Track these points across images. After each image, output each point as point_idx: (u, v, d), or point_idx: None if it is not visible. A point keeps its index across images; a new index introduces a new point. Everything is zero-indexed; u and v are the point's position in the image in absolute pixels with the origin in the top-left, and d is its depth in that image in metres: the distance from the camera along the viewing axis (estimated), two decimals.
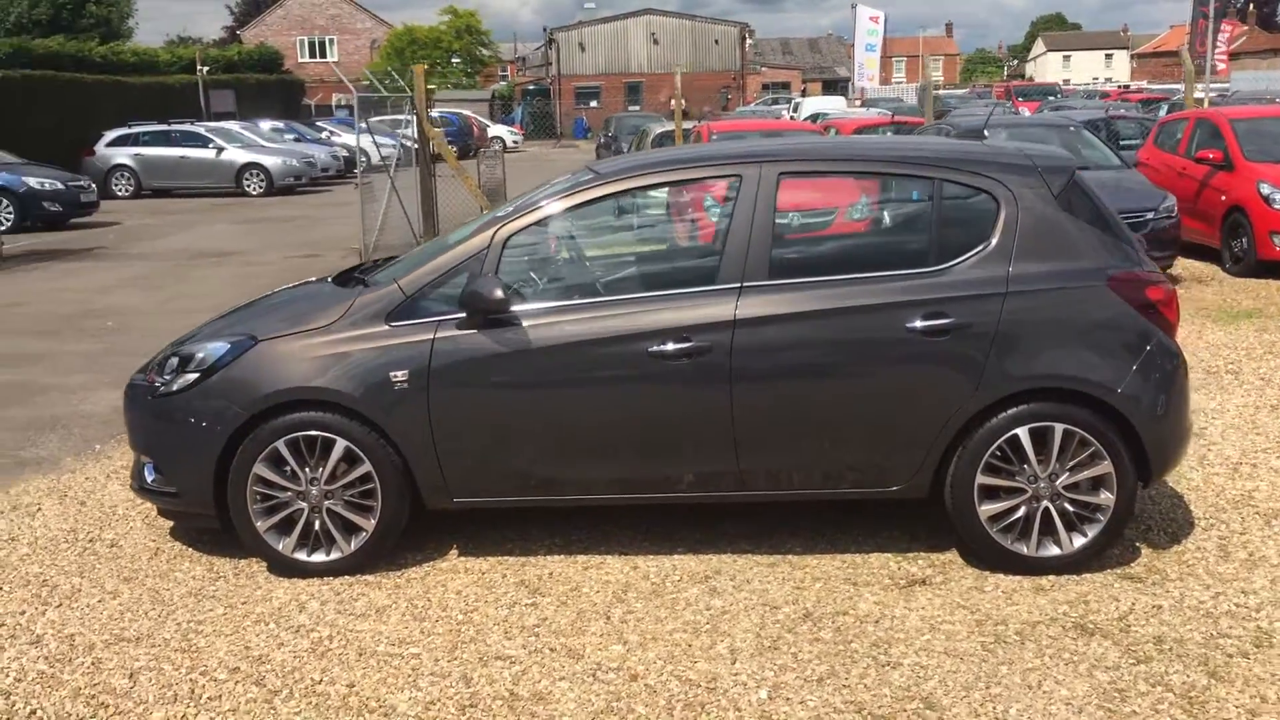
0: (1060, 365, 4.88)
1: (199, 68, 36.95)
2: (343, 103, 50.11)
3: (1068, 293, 4.92)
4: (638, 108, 57.12)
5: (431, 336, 4.98)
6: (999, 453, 4.92)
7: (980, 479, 4.94)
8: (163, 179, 28.29)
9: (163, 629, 4.68)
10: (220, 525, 5.19)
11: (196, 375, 5.12)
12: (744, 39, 60.83)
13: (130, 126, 28.76)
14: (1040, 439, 4.91)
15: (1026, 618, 4.62)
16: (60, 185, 21.46)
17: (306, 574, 5.11)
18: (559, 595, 4.91)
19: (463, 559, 5.30)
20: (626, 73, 60.11)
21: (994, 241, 4.96)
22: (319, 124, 36.94)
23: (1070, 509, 4.97)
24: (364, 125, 17.81)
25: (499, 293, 4.85)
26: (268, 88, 42.82)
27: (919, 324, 4.86)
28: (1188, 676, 4.14)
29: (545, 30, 61.74)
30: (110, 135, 28.59)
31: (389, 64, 59.97)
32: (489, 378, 4.98)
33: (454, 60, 60.71)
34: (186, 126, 29.04)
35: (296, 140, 32.71)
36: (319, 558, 5.11)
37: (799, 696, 4.07)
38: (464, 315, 4.96)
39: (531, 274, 5.26)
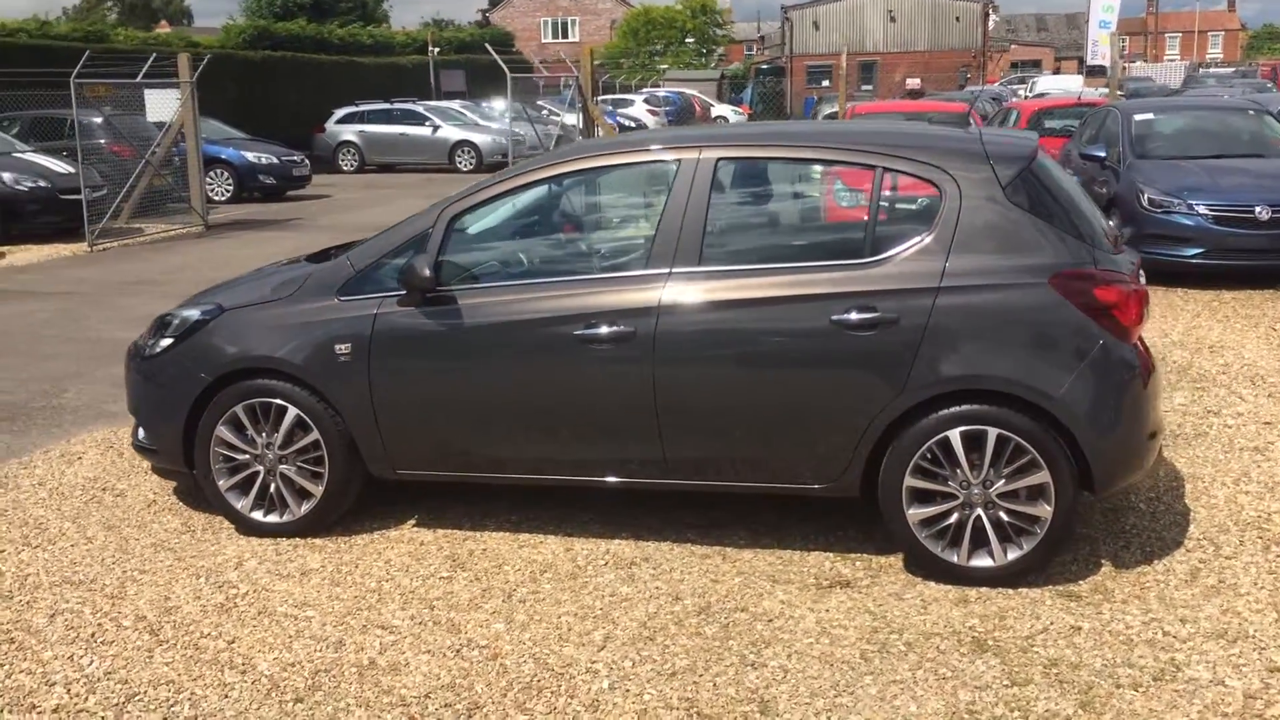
0: (993, 366, 4.61)
1: (430, 49, 38.54)
2: (568, 83, 51.38)
3: (1006, 290, 4.63)
4: (870, 88, 56.03)
5: (374, 311, 5.14)
6: (929, 455, 4.70)
7: (909, 481, 4.73)
8: (383, 155, 29.72)
9: (108, 575, 5.02)
10: (193, 482, 5.52)
11: (171, 340, 5.46)
12: (986, 15, 58.62)
13: (357, 105, 30.33)
14: (974, 443, 4.66)
15: (927, 629, 4.40)
16: (275, 160, 22.86)
17: (262, 533, 5.38)
18: (478, 571, 5.00)
19: (415, 529, 5.46)
20: (861, 51, 58.92)
21: (933, 233, 4.72)
22: (540, 103, 37.87)
23: (1006, 519, 4.69)
24: (519, 107, 18.12)
25: (427, 271, 4.96)
26: (498, 68, 44.14)
27: (845, 317, 4.68)
28: (1054, 705, 3.86)
29: (782, 9, 61.22)
30: (339, 113, 30.24)
31: (625, 44, 61.01)
32: (424, 354, 5.10)
33: (688, 40, 61.03)
34: (407, 105, 30.40)
35: (514, 119, 33.66)
36: (272, 519, 5.37)
37: (639, 689, 4.02)
38: (404, 292, 5.09)
39: (474, 254, 5.34)
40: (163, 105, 17.77)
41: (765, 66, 62.44)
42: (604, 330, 4.86)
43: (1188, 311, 10.10)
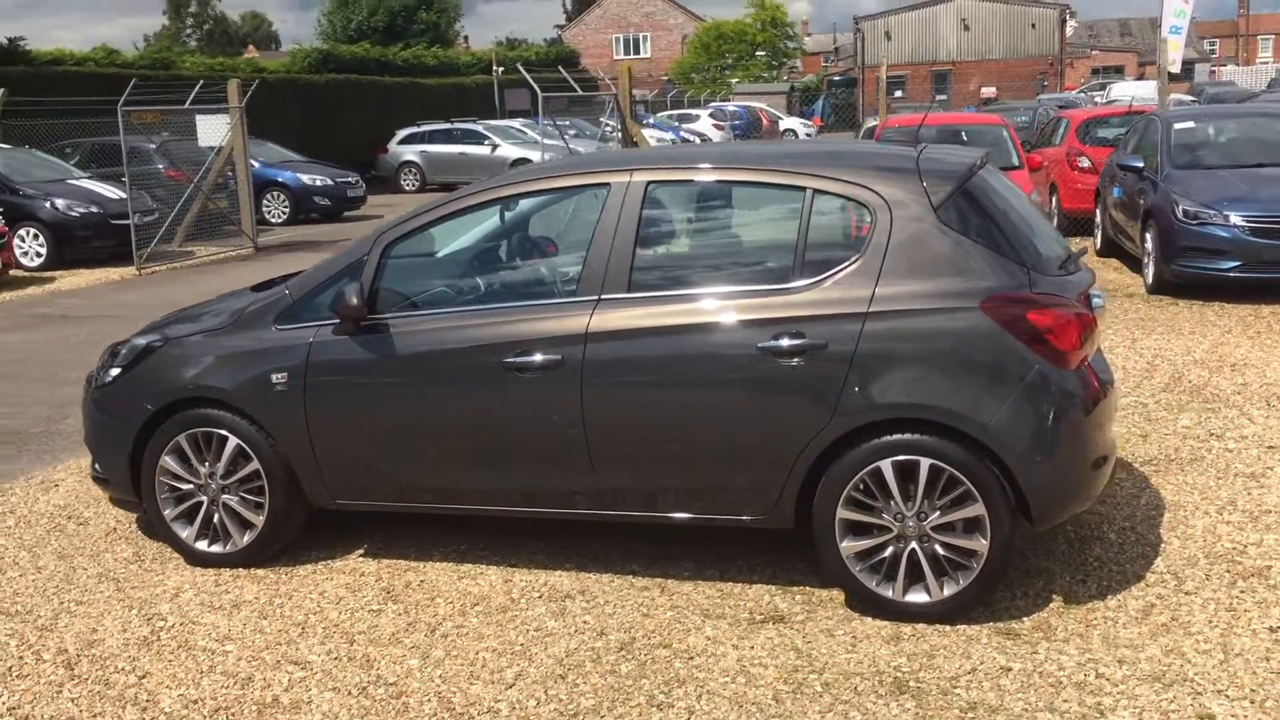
0: (923, 394, 4.42)
1: (495, 68, 38.84)
2: (637, 98, 51.41)
3: (936, 315, 4.44)
4: (945, 97, 55.31)
5: (310, 340, 5.10)
6: (862, 486, 4.52)
7: (842, 513, 4.55)
8: (444, 174, 29.95)
9: (46, 606, 5.04)
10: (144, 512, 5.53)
11: (119, 370, 5.47)
12: (1063, 22, 57.57)
13: (419, 126, 30.66)
14: (908, 474, 4.47)
15: (850, 669, 4.22)
16: (330, 181, 23.17)
17: (206, 563, 5.36)
18: (410, 604, 4.92)
19: (360, 560, 5.40)
20: (934, 61, 58.24)
21: (863, 257, 4.55)
22: (603, 120, 37.99)
23: (941, 553, 4.50)
24: (549, 122, 18.15)
25: (354, 299, 4.91)
26: (565, 85, 44.37)
27: (771, 344, 4.53)
28: None
29: (854, 20, 60.78)
30: (401, 134, 30.59)
31: (696, 59, 60.98)
32: (357, 382, 5.05)
33: (758, 54, 60.79)
34: (467, 125, 30.65)
35: (575, 136, 33.80)
36: (216, 549, 5.35)
37: None
38: (338, 320, 5.05)
39: (409, 281, 5.27)
40: (214, 130, 18.08)
41: (838, 78, 62.12)
42: (533, 359, 4.77)
43: (1218, 327, 9.71)
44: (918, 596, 4.54)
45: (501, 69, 38.89)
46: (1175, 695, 3.95)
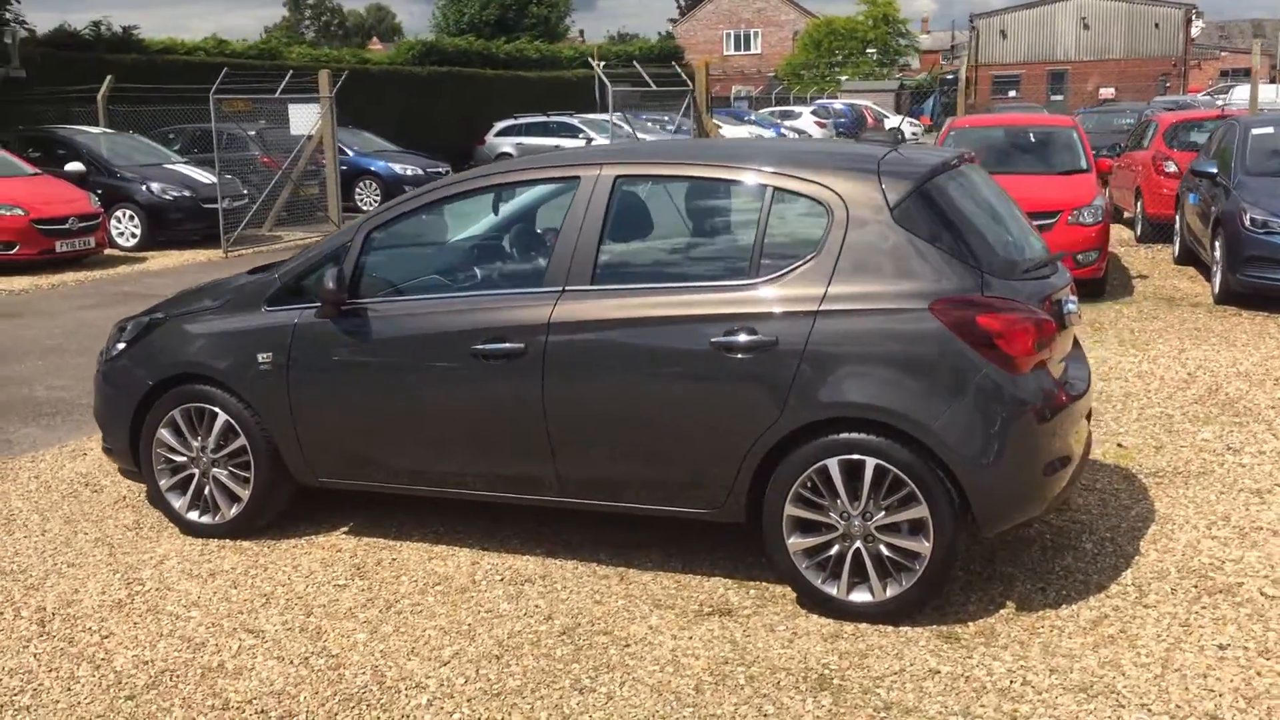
0: (870, 395, 4.41)
1: (595, 62, 38.99)
2: (741, 94, 51.21)
3: (886, 316, 4.42)
4: (1060, 97, 54.08)
5: (295, 322, 5.27)
6: (810, 484, 4.53)
7: (790, 510, 4.57)
8: None
9: (40, 566, 5.30)
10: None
11: (124, 345, 5.73)
12: (1189, 22, 55.78)
13: (515, 118, 31.00)
14: (854, 473, 4.47)
15: (780, 663, 4.24)
16: (420, 171, 23.60)
17: (196, 533, 5.58)
18: (376, 581, 5.06)
19: (343, 537, 5.56)
20: (1051, 60, 56.94)
21: (818, 255, 4.55)
22: (676, 116, 37.98)
23: (886, 553, 4.49)
24: (618, 118, 18.20)
25: (331, 284, 5.06)
26: (666, 80, 44.51)
27: (724, 339, 4.56)
28: None
29: (970, 18, 59.71)
30: (498, 126, 30.92)
31: (806, 56, 60.57)
32: (336, 365, 5.20)
33: (868, 51, 60.12)
34: (563, 118, 30.88)
35: (675, 131, 33.86)
36: (205, 520, 5.56)
37: (455, 707, 4.01)
38: (320, 304, 5.21)
39: (389, 267, 5.40)
40: (305, 119, 18.57)
41: (950, 76, 61.01)
42: (498, 347, 4.87)
43: (1276, 340, 9.41)
44: (861, 596, 4.53)
45: (602, 63, 39.05)
46: (1097, 707, 3.89)
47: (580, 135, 30.06)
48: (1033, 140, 12.79)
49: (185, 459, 5.54)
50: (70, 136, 18.23)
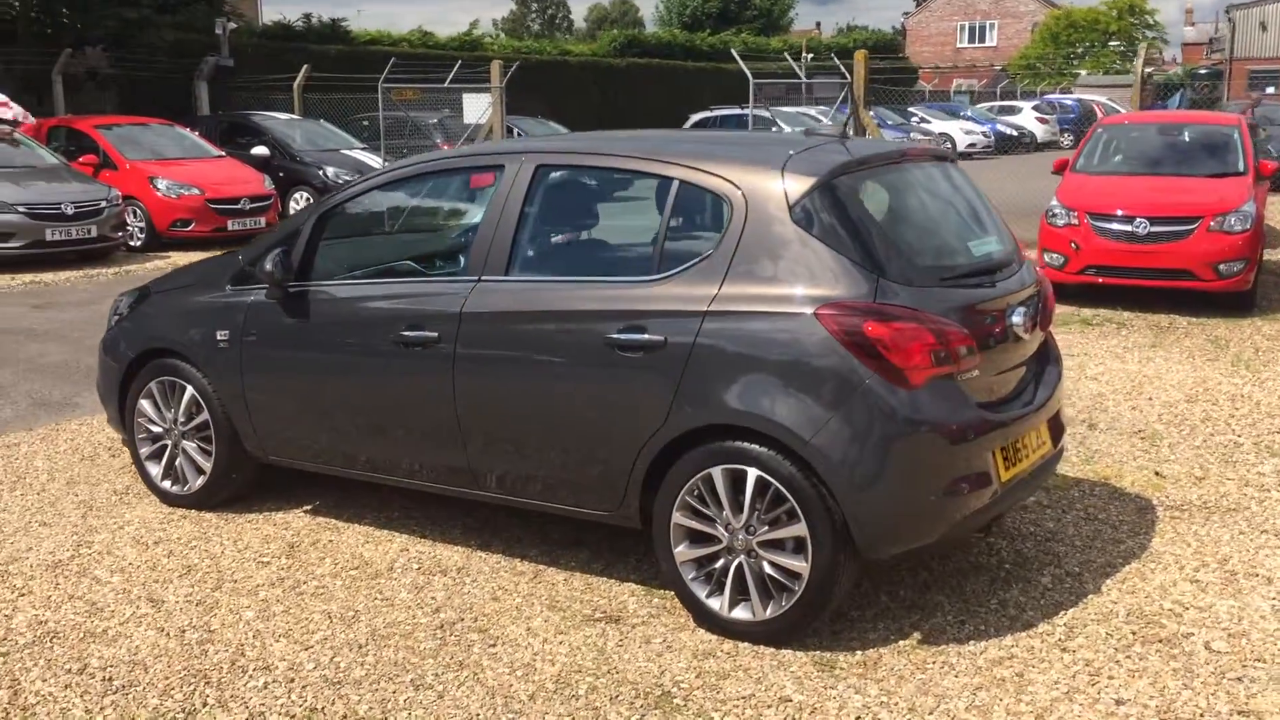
0: (750, 402, 4.15)
1: (803, 54, 38.55)
2: (961, 89, 49.45)
3: (772, 319, 4.14)
4: None
5: (248, 302, 5.38)
6: (696, 492, 4.31)
7: (677, 518, 4.36)
8: None
9: (18, 521, 5.58)
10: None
11: (116, 319, 5.98)
12: None
13: (711, 110, 30.93)
14: (739, 484, 4.22)
15: (631, 677, 4.05)
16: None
17: (168, 501, 5.76)
18: (299, 561, 5.10)
19: (301, 515, 5.63)
20: None
21: (714, 252, 4.31)
22: (911, 110, 36.92)
23: (768, 571, 4.22)
24: (764, 109, 17.81)
25: (269, 266, 5.13)
26: (879, 73, 43.50)
27: (617, 336, 4.38)
28: None
29: (1226, 9, 55.92)
30: (694, 118, 30.93)
31: (1042, 49, 58.05)
32: (280, 346, 5.28)
33: (1111, 44, 57.00)
34: (758, 111, 30.58)
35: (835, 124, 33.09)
36: (175, 490, 5.74)
37: (286, 690, 4.00)
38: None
39: (333, 253, 5.41)
40: (478, 108, 19.02)
41: (1203, 70, 57.32)
42: (417, 335, 4.83)
43: None
44: (743, 614, 4.28)
45: (810, 55, 38.54)
46: None
47: (774, 129, 29.74)
48: (1186, 140, 11.84)
49: (161, 430, 5.74)
50: (260, 122, 19.26)
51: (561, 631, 4.41)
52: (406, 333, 4.85)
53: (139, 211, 15.84)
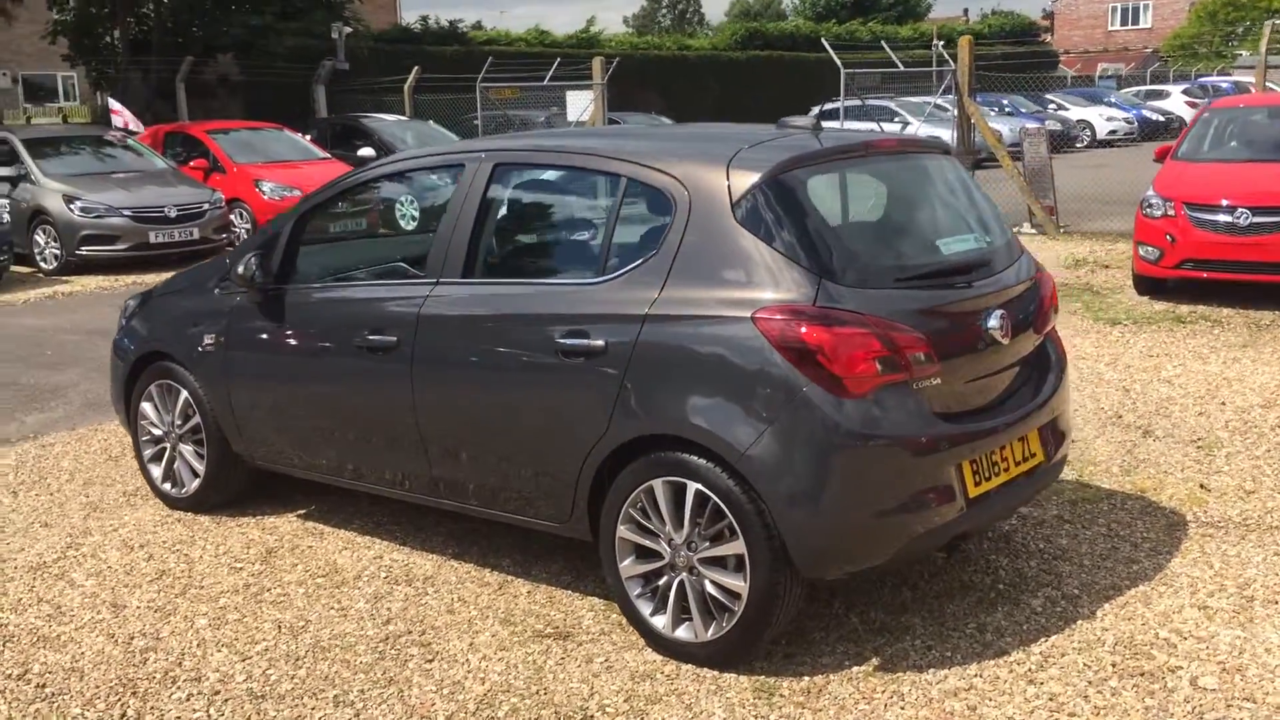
0: (687, 411, 3.91)
1: (934, 42, 37.43)
2: (1108, 73, 47.47)
3: (710, 324, 3.89)
4: None
5: (233, 304, 5.35)
6: (640, 505, 4.09)
7: (621, 531, 4.15)
8: None
9: (19, 523, 5.66)
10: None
11: (123, 323, 6.02)
12: None
13: (833, 101, 30.33)
14: (680, 497, 3.99)
15: (559, 699, 3.86)
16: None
17: (170, 504, 5.78)
18: (272, 568, 5.04)
19: (293, 520, 5.58)
20: None
21: (657, 254, 4.08)
22: (1048, 96, 35.56)
23: (710, 589, 3.98)
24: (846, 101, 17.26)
25: (240, 269, 5.09)
26: (1014, 59, 42.06)
27: (563, 341, 4.19)
28: None
29: None
30: (815, 110, 30.39)
31: (1198, 28, 55.38)
32: (258, 348, 5.24)
33: (1276, 20, 53.86)
34: (881, 102, 29.91)
35: (997, 112, 32.03)
36: (174, 492, 5.76)
37: (205, 705, 3.92)
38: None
39: (308, 255, 5.31)
40: (580, 105, 19.02)
41: None
42: (378, 339, 4.72)
43: None
44: (685, 634, 4.04)
45: (942, 43, 37.43)
46: None
47: (897, 120, 29.05)
48: None
49: (161, 432, 5.76)
50: (369, 124, 19.58)
51: (505, 648, 4.24)
52: (371, 337, 4.74)
53: (245, 213, 16.24)
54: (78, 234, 14.14)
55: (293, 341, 5.08)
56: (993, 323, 4.13)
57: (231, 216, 15.88)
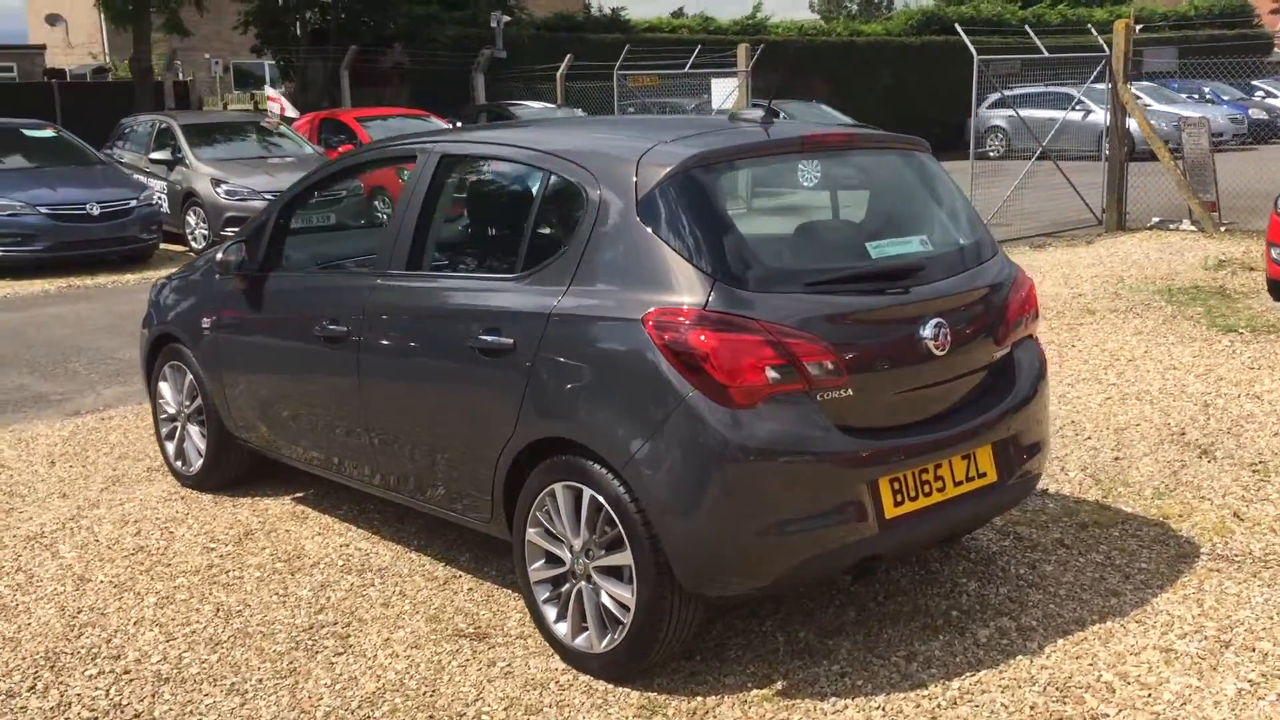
0: (578, 414, 3.78)
1: (1131, 25, 35.52)
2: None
3: (604, 326, 3.73)
4: None
5: (225, 290, 5.45)
6: (545, 509, 3.98)
7: (530, 535, 4.04)
8: (1027, 140, 28.27)
9: (44, 491, 5.92)
10: None
11: (152, 300, 6.22)
12: None
13: (1011, 87, 29.15)
14: (579, 503, 3.86)
15: (442, 704, 3.79)
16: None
17: (181, 481, 5.96)
18: (243, 549, 5.11)
19: (286, 503, 5.66)
20: None
21: (567, 251, 3.94)
22: (1255, 83, 33.33)
23: (605, 600, 3.83)
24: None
25: (220, 255, 5.18)
26: (1220, 43, 39.51)
27: (478, 339, 4.11)
28: None
29: None
30: (993, 97, 29.27)
31: None
32: (242, 332, 5.34)
33: None
34: (1063, 89, 28.59)
35: (1197, 99, 30.23)
36: (183, 470, 5.92)
37: (109, 684, 3.99)
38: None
39: (289, 243, 5.33)
40: (724, 92, 18.82)
41: None
42: (332, 329, 4.73)
43: None
44: (583, 644, 3.91)
45: (1140, 26, 35.50)
46: None
47: (1078, 107, 27.71)
48: None
49: (173, 411, 5.93)
50: (516, 111, 19.83)
51: (417, 645, 4.19)
52: (329, 326, 4.76)
53: (386, 198, 16.67)
54: (222, 215, 14.77)
55: (266, 328, 5.15)
56: (927, 332, 3.83)
57: (375, 202, 16.34)
